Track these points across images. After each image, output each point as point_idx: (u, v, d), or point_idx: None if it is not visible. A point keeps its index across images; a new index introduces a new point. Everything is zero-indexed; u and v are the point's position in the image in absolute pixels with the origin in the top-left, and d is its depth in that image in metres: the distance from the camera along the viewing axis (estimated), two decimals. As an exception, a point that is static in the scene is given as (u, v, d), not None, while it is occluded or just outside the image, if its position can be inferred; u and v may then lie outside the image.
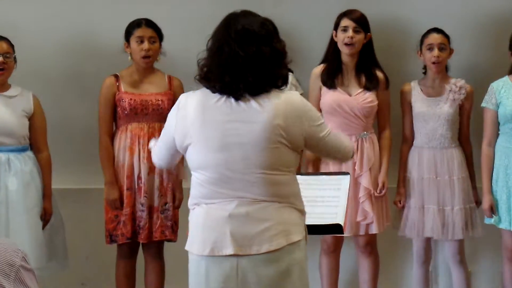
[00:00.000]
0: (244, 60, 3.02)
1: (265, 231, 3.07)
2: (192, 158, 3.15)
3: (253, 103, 3.06)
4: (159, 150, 3.35)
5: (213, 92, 3.08)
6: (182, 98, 3.20)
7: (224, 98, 3.08)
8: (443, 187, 4.87)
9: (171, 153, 3.28)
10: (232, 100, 3.07)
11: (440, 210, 4.87)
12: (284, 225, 3.10)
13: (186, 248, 3.20)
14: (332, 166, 4.74)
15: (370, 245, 4.95)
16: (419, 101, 4.91)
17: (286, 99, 3.09)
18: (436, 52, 4.84)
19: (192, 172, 3.19)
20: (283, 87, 3.11)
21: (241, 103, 3.06)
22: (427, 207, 4.89)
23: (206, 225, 3.12)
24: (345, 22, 4.80)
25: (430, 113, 4.87)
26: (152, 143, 3.49)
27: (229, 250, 3.07)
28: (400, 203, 4.95)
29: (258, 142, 3.04)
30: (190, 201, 3.21)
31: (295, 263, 3.13)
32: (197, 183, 3.15)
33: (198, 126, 3.09)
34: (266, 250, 3.07)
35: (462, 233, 4.86)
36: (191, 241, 3.18)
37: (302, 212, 3.18)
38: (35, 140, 4.77)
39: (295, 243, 3.12)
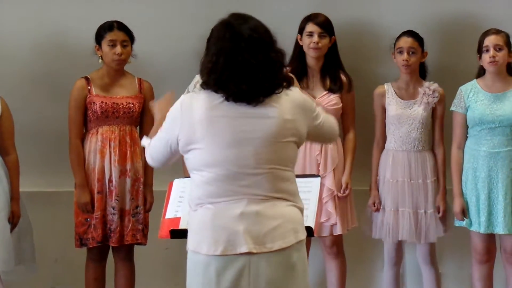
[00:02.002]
0: (256, 68, 3.13)
1: (277, 228, 3.15)
2: (197, 157, 3.18)
3: (264, 101, 3.17)
4: (155, 150, 3.36)
5: (227, 100, 3.15)
6: (185, 98, 3.27)
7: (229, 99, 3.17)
8: (417, 190, 4.96)
9: (169, 154, 3.31)
10: (239, 101, 3.17)
11: (414, 213, 4.95)
12: (292, 223, 3.20)
13: (191, 249, 3.21)
14: (301, 168, 4.76)
15: (336, 246, 5.02)
16: (393, 104, 4.99)
17: (291, 95, 3.23)
18: (405, 55, 4.93)
19: (194, 172, 3.21)
20: (288, 87, 3.24)
21: (252, 103, 3.17)
22: (401, 210, 4.97)
23: (215, 224, 3.15)
24: (311, 27, 4.88)
25: (405, 116, 4.95)
26: (145, 141, 3.47)
27: (243, 248, 3.13)
28: (375, 206, 4.98)
29: (270, 136, 3.15)
30: (192, 202, 3.23)
31: (301, 261, 3.23)
32: (202, 182, 3.18)
33: (206, 124, 3.15)
34: (278, 247, 3.14)
35: (435, 236, 4.96)
36: (198, 242, 3.18)
37: (302, 211, 3.29)
38: (2, 143, 4.78)
39: (301, 242, 3.23)
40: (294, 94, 3.24)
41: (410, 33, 4.96)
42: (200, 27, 4.92)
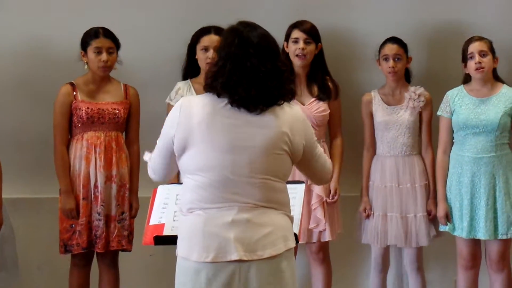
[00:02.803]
0: (265, 75, 3.18)
1: (267, 236, 3.19)
2: (193, 160, 3.21)
3: (264, 111, 3.20)
4: (154, 162, 3.39)
5: (231, 105, 3.18)
6: (184, 100, 3.30)
7: (234, 103, 3.20)
8: (406, 195, 5.01)
9: (167, 162, 3.31)
10: (242, 107, 3.20)
11: (403, 218, 4.99)
12: (282, 231, 3.23)
13: (180, 255, 3.23)
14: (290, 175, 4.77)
15: (323, 252, 5.06)
16: (380, 110, 5.04)
17: (292, 111, 3.27)
18: (391, 62, 4.98)
19: (188, 176, 3.24)
20: (291, 101, 3.28)
21: (254, 110, 3.19)
22: (390, 215, 5.01)
23: (206, 231, 3.17)
24: (296, 33, 4.91)
25: (392, 122, 5.01)
26: (146, 156, 3.49)
27: (234, 256, 3.15)
28: (366, 212, 5.02)
29: (266, 146, 3.18)
30: (183, 206, 3.26)
31: (290, 268, 3.26)
32: (196, 186, 3.20)
33: (205, 127, 3.18)
34: (269, 254, 3.18)
35: (426, 240, 4.99)
36: (188, 248, 3.21)
37: (292, 221, 3.33)
38: (-15, 149, 4.76)
39: (291, 250, 3.27)
40: (297, 110, 3.29)
41: (394, 40, 5.01)
42: (184, 34, 4.98)
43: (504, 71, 5.04)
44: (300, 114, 3.29)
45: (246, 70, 3.16)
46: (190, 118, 3.20)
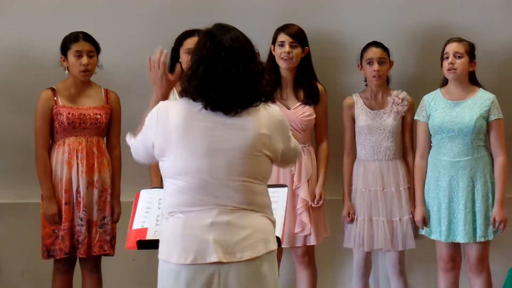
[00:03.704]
0: (236, 77, 3.19)
1: (247, 238, 3.20)
2: (172, 165, 3.23)
3: (241, 112, 3.22)
4: (138, 148, 3.38)
5: (206, 109, 3.20)
6: (161, 104, 3.31)
7: (208, 107, 3.23)
8: (391, 199, 5.02)
9: (149, 155, 3.33)
10: (217, 110, 3.22)
11: (388, 222, 5.01)
12: (263, 233, 3.24)
13: (161, 258, 3.25)
14: (275, 179, 4.79)
15: (308, 255, 5.06)
16: (363, 114, 5.05)
17: (269, 111, 3.29)
18: (376, 66, 4.99)
19: (168, 180, 3.26)
20: (267, 102, 3.29)
21: (229, 113, 3.22)
22: (376, 219, 5.02)
23: (186, 233, 3.20)
24: (282, 37, 4.93)
25: (375, 126, 5.02)
26: (129, 139, 3.47)
27: (213, 258, 3.17)
28: (349, 216, 5.03)
29: (244, 149, 3.20)
30: (165, 210, 3.27)
31: (271, 271, 3.27)
32: (176, 190, 3.23)
33: (182, 131, 3.21)
34: (248, 257, 3.19)
35: (413, 242, 5.01)
36: (168, 251, 3.23)
37: (274, 224, 3.34)
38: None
39: (272, 252, 3.27)
40: (273, 110, 3.30)
41: (377, 44, 5.03)
42: (165, 38, 4.98)
43: (487, 74, 5.08)
44: (276, 115, 3.30)
45: (217, 73, 3.18)
46: (167, 123, 3.22)
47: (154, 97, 3.46)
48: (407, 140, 5.08)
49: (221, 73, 3.18)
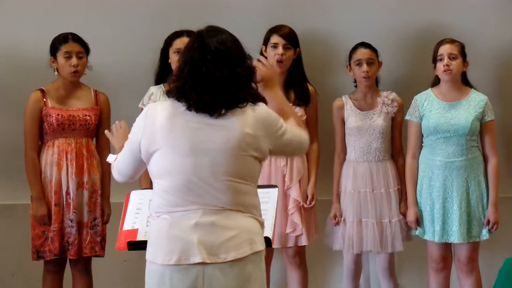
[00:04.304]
0: (220, 80, 3.19)
1: (231, 239, 3.20)
2: (158, 164, 3.24)
3: (226, 113, 3.22)
4: (120, 164, 3.43)
5: (189, 110, 3.21)
6: (150, 106, 3.33)
7: (191, 108, 3.24)
8: (380, 200, 5.02)
9: (135, 164, 3.36)
10: (200, 111, 3.23)
11: (378, 223, 5.00)
12: (248, 234, 3.24)
13: (148, 259, 3.26)
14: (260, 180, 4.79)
15: (299, 256, 5.07)
16: (352, 116, 5.04)
17: (256, 111, 3.27)
18: (365, 67, 4.99)
19: (155, 180, 3.27)
20: (254, 104, 3.28)
21: (213, 114, 3.23)
22: (365, 221, 5.02)
23: (171, 234, 3.20)
24: (275, 39, 4.94)
25: (365, 127, 5.02)
26: (111, 158, 3.53)
27: (197, 258, 3.18)
28: (336, 219, 5.03)
29: (228, 149, 3.20)
30: (153, 210, 3.29)
31: (258, 272, 3.27)
32: (162, 191, 3.24)
33: (167, 131, 3.22)
34: (233, 257, 3.19)
35: (401, 244, 5.01)
36: (154, 251, 3.24)
37: (262, 224, 3.34)
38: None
39: (258, 253, 3.27)
40: (259, 110, 3.29)
41: (365, 45, 5.03)
42: (154, 40, 4.98)
43: (477, 74, 5.09)
44: (262, 113, 3.28)
45: (201, 75, 3.19)
46: (153, 123, 3.24)
47: (119, 148, 3.51)
48: (397, 141, 5.08)
49: (204, 75, 3.19)
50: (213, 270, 3.18)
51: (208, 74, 3.18)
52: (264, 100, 3.34)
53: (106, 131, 3.78)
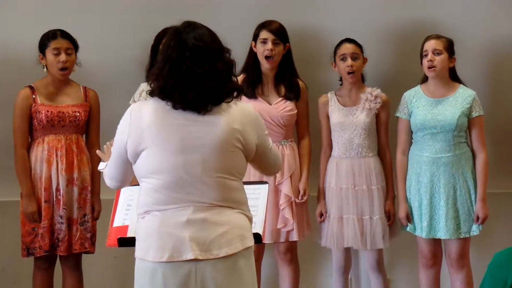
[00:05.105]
0: (201, 77, 3.19)
1: (223, 235, 3.22)
2: (146, 163, 3.23)
3: (212, 109, 3.23)
4: (109, 169, 3.42)
5: (175, 108, 3.21)
6: (134, 105, 3.33)
7: (176, 106, 3.24)
8: (362, 197, 5.02)
9: (123, 167, 3.34)
10: (186, 109, 3.23)
11: (359, 220, 5.00)
12: (239, 230, 3.26)
13: (138, 256, 3.25)
14: (252, 175, 4.80)
15: (290, 252, 5.08)
16: (335, 112, 5.05)
17: (242, 107, 3.31)
18: (349, 61, 4.99)
19: (142, 180, 3.27)
20: (238, 97, 3.30)
21: (200, 111, 3.23)
22: (346, 217, 5.02)
23: (162, 231, 3.21)
24: (264, 34, 4.94)
25: (347, 123, 5.02)
26: (101, 166, 3.56)
27: (189, 255, 3.18)
28: (322, 216, 5.05)
29: (218, 144, 3.22)
30: (140, 209, 3.28)
31: (249, 267, 3.29)
32: (150, 189, 3.23)
33: (155, 129, 3.21)
34: (225, 254, 3.21)
35: (382, 242, 5.01)
36: (145, 249, 3.23)
37: (251, 220, 3.36)
38: None
39: (249, 248, 3.29)
40: (246, 106, 3.32)
41: (350, 40, 5.03)
42: (143, 36, 4.99)
43: (467, 70, 5.10)
44: (249, 110, 3.32)
45: (181, 73, 3.18)
46: (140, 122, 3.23)
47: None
48: (382, 138, 5.08)
49: (185, 73, 3.18)
50: (205, 266, 3.19)
51: (188, 72, 3.18)
52: (246, 94, 3.34)
53: (97, 151, 3.76)
